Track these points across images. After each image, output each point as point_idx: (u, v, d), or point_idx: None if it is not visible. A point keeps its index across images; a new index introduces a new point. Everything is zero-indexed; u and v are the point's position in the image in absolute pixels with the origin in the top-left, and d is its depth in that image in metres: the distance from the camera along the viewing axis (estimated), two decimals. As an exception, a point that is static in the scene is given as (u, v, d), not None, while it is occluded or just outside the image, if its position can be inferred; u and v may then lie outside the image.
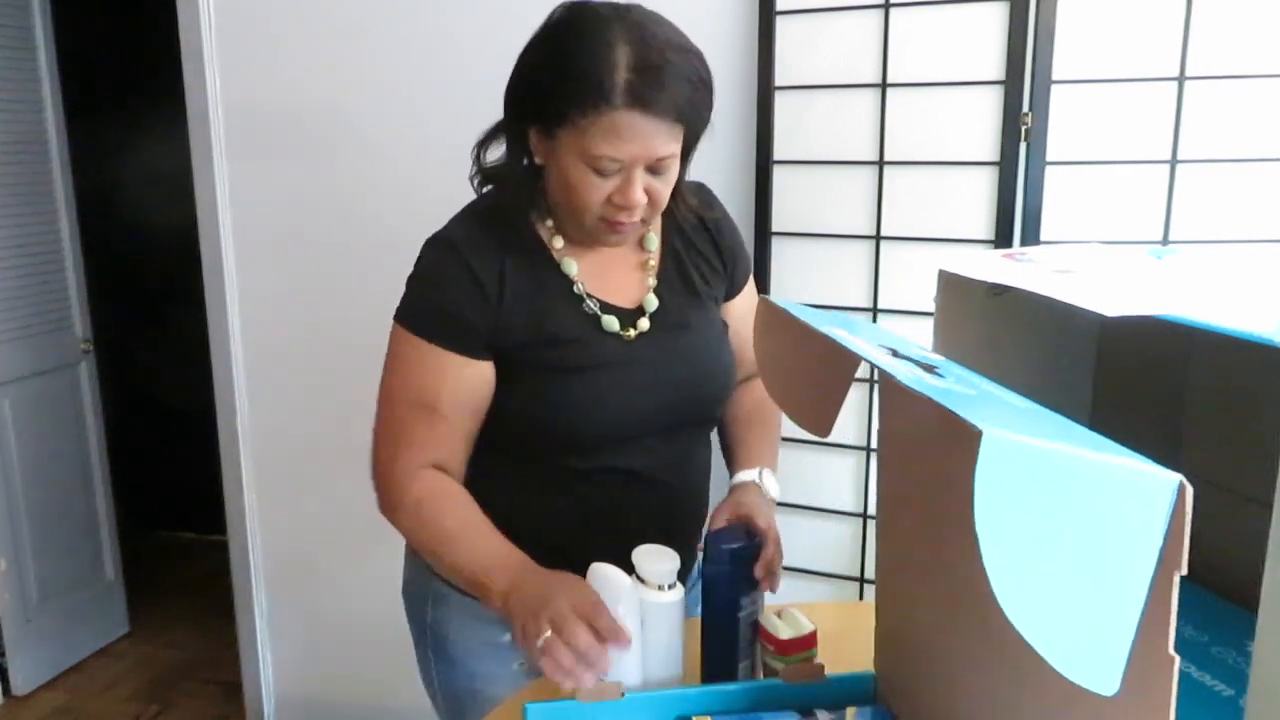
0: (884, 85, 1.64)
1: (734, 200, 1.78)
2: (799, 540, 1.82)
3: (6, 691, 2.61)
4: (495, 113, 1.09)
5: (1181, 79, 1.51)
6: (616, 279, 1.11)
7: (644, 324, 1.10)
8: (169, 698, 2.67)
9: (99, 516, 2.85)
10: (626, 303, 1.11)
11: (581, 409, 1.06)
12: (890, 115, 1.65)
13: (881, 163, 1.66)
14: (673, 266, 1.14)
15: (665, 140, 0.96)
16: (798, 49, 1.68)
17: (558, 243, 1.09)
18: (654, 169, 0.98)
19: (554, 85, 0.97)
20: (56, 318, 2.68)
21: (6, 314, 2.52)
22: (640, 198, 0.98)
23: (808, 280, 1.74)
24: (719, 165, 1.79)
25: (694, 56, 0.98)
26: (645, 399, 1.09)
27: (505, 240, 1.06)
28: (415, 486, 1.05)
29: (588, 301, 1.08)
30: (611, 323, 1.08)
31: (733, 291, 1.21)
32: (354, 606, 2.25)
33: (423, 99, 1.96)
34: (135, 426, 3.45)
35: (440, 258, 1.07)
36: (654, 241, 1.13)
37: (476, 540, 1.01)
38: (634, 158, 0.96)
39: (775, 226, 1.73)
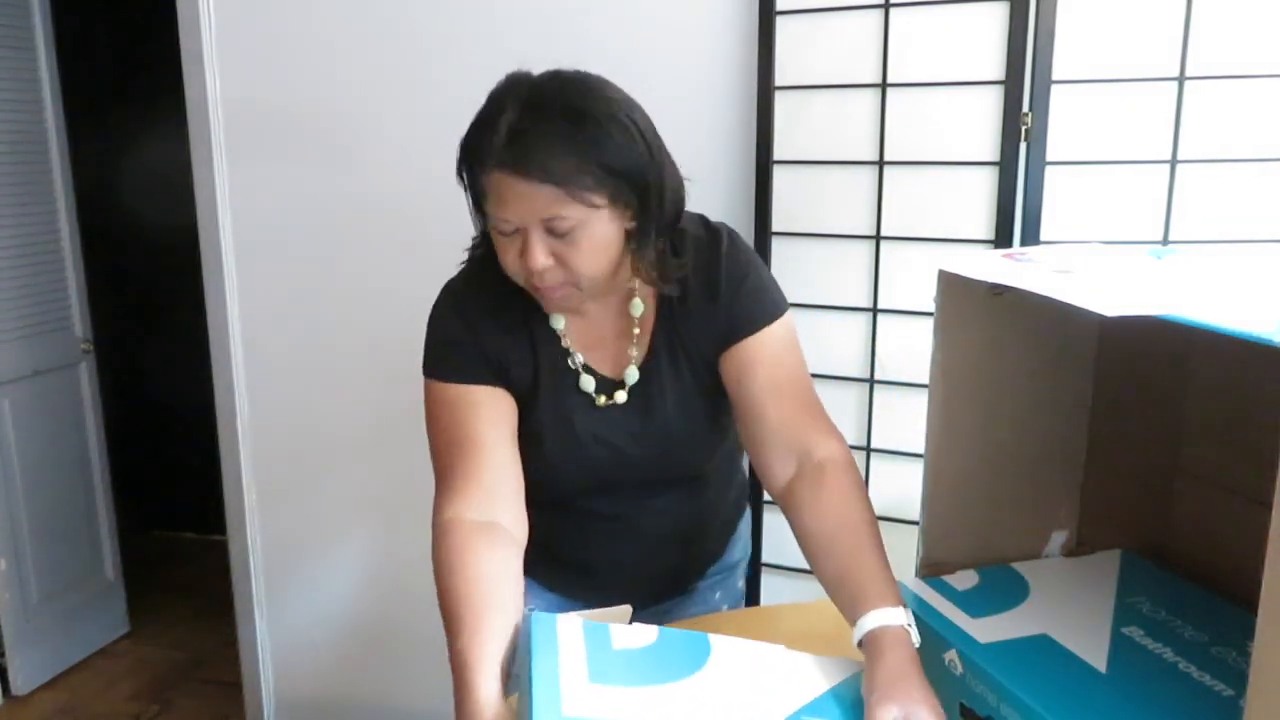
0: (884, 85, 1.64)
1: (734, 200, 1.79)
2: (799, 540, 1.82)
3: (6, 691, 2.61)
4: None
5: (1181, 79, 1.51)
6: (605, 343, 1.11)
7: (620, 397, 1.10)
8: (169, 698, 2.67)
9: (99, 516, 2.85)
10: (610, 369, 1.11)
11: (552, 462, 1.10)
12: (890, 115, 1.65)
13: (881, 163, 1.66)
14: (663, 336, 1.10)
15: (548, 203, 0.94)
16: (798, 49, 1.68)
17: None
18: (554, 232, 0.96)
19: (461, 150, 1.00)
20: (56, 318, 2.68)
21: (6, 314, 2.52)
22: (538, 262, 0.96)
23: (808, 280, 1.74)
24: (719, 165, 1.79)
25: (591, 123, 0.94)
26: (607, 463, 1.11)
27: (503, 286, 1.06)
28: (446, 544, 0.95)
29: (573, 356, 1.09)
30: (588, 383, 1.09)
31: (733, 336, 1.08)
32: (354, 606, 2.25)
33: (423, 99, 1.96)
34: (135, 426, 3.45)
35: (441, 301, 1.12)
36: (639, 308, 1.09)
37: (472, 655, 0.83)
38: (519, 220, 0.96)
39: (775, 226, 1.73)
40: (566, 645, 0.82)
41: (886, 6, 1.61)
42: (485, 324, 1.08)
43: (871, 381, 1.73)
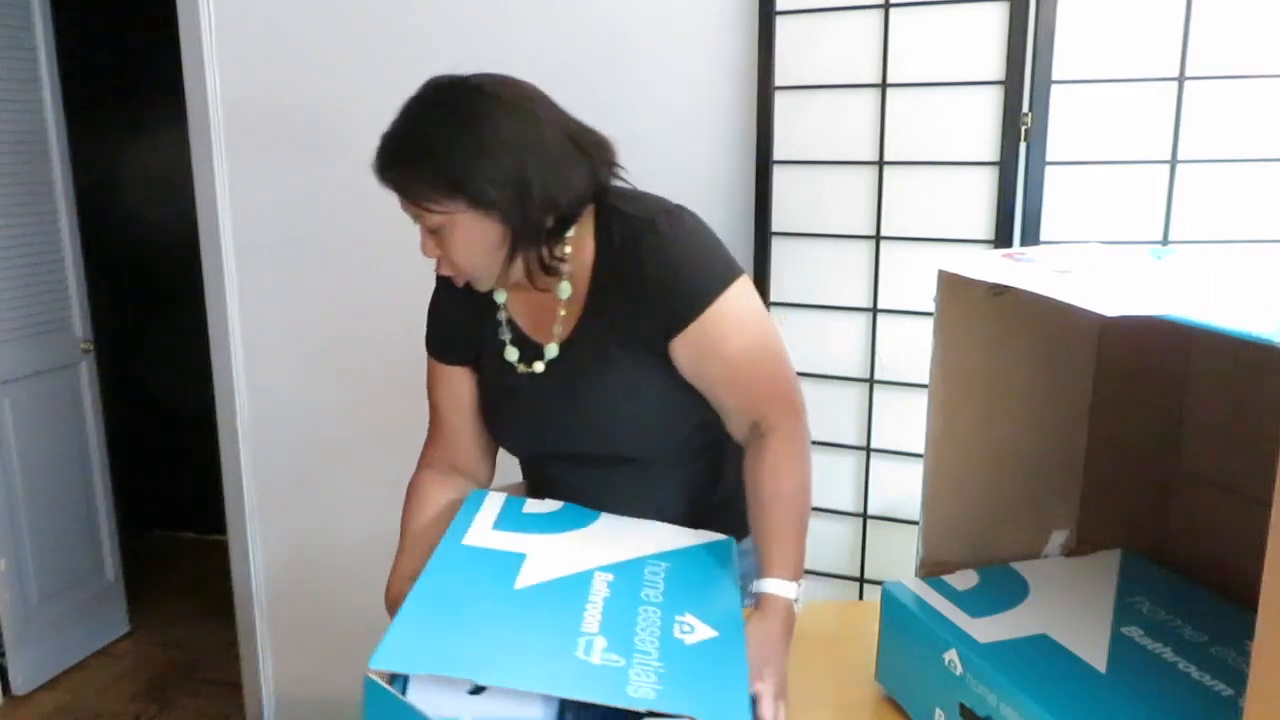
0: (884, 85, 1.64)
1: (734, 200, 1.79)
2: (799, 540, 1.82)
3: (6, 691, 2.61)
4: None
5: (1181, 79, 1.51)
6: (544, 317, 1.17)
7: (539, 367, 1.16)
8: (169, 698, 2.67)
9: (99, 516, 2.85)
10: (545, 339, 1.17)
11: (491, 422, 1.24)
12: (890, 115, 1.65)
13: (881, 163, 1.66)
14: (591, 314, 1.13)
15: (410, 205, 1.07)
16: (798, 49, 1.68)
17: None
18: (429, 229, 1.08)
19: None
20: (56, 318, 2.68)
21: (6, 314, 2.52)
22: (425, 249, 1.10)
23: (808, 280, 1.74)
24: (719, 165, 1.79)
25: (425, 142, 1.04)
26: (536, 431, 1.20)
27: None
28: (411, 483, 1.25)
29: (503, 328, 1.19)
30: (511, 353, 1.18)
31: (673, 329, 1.09)
32: (354, 606, 2.25)
33: (423, 99, 1.96)
34: (135, 426, 3.45)
35: (437, 281, 1.24)
36: (565, 290, 1.13)
37: (403, 548, 1.18)
38: (408, 213, 1.09)
39: (775, 226, 1.73)
40: (486, 506, 1.10)
41: (886, 6, 1.61)
42: (450, 301, 1.22)
43: (871, 381, 1.73)
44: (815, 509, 1.79)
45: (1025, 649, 0.83)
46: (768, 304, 1.75)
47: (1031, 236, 1.59)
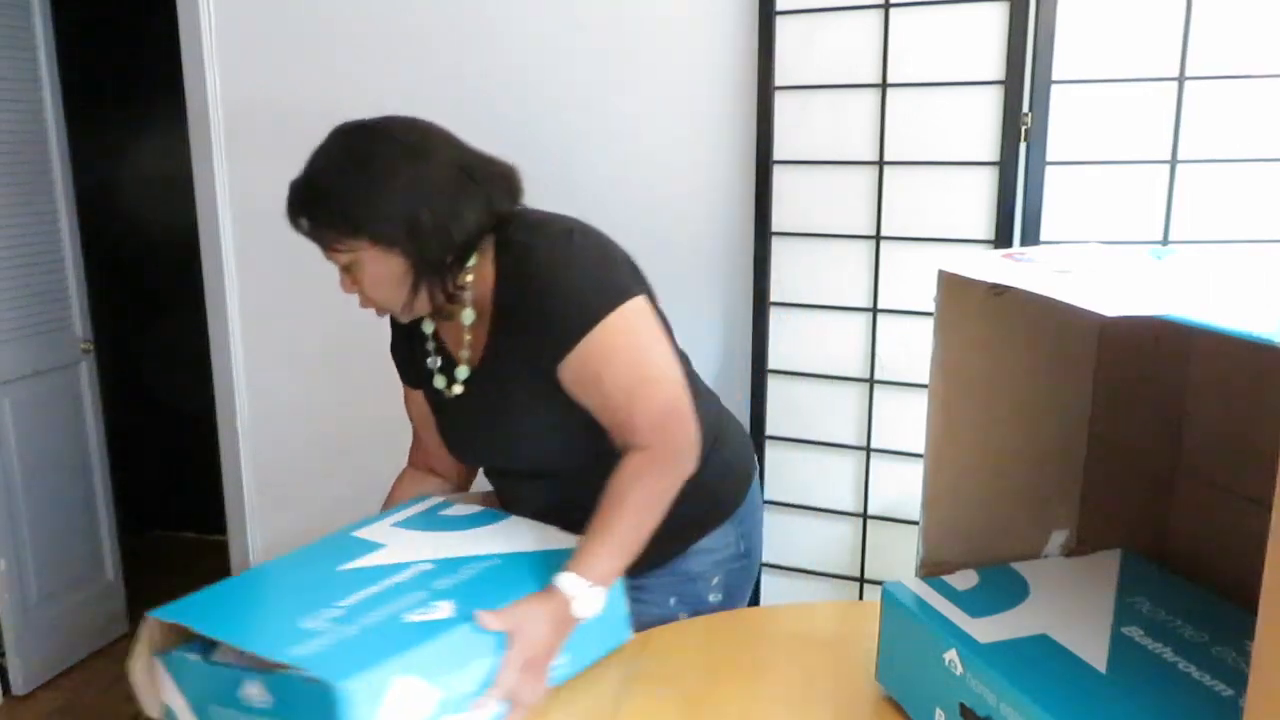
0: (884, 85, 1.64)
1: (734, 200, 1.79)
2: (799, 540, 1.82)
3: (6, 691, 2.61)
4: (492, 113, 1.12)
5: (1181, 79, 1.51)
6: (460, 342, 1.23)
7: (457, 389, 1.23)
8: (169, 698, 2.66)
9: (99, 516, 2.85)
10: (465, 363, 1.24)
11: (441, 437, 1.32)
12: (890, 115, 1.65)
13: (881, 163, 1.66)
14: (494, 339, 1.19)
15: (322, 248, 1.16)
16: (798, 49, 1.68)
17: None
18: (342, 267, 1.16)
19: None
20: (56, 318, 2.68)
21: (6, 314, 2.51)
22: (343, 286, 1.18)
23: (808, 280, 1.74)
24: (719, 165, 1.79)
25: (321, 188, 1.14)
26: (463, 445, 1.30)
27: None
28: (396, 478, 1.40)
29: (432, 357, 1.26)
30: (439, 380, 1.25)
31: (555, 355, 1.12)
32: (354, 606, 2.25)
33: (423, 98, 1.95)
34: (135, 426, 3.45)
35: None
36: (468, 317, 1.19)
37: None
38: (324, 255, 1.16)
39: (775, 226, 1.73)
40: (413, 506, 1.18)
41: (886, 6, 1.61)
42: (397, 332, 1.32)
43: (871, 381, 1.73)
44: (815, 509, 1.80)
45: (1025, 649, 0.83)
46: (768, 304, 1.75)
47: (1031, 236, 1.59)
